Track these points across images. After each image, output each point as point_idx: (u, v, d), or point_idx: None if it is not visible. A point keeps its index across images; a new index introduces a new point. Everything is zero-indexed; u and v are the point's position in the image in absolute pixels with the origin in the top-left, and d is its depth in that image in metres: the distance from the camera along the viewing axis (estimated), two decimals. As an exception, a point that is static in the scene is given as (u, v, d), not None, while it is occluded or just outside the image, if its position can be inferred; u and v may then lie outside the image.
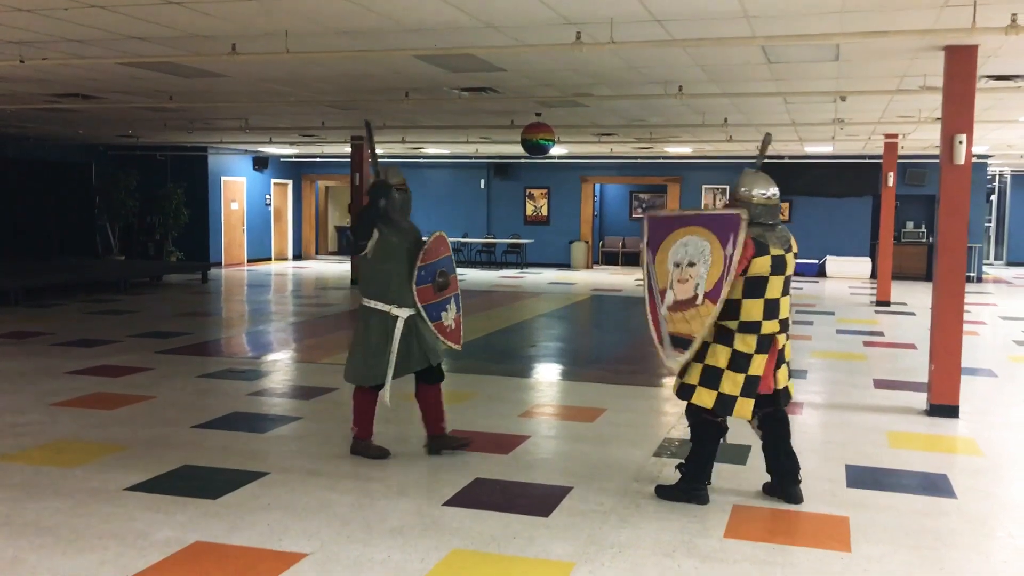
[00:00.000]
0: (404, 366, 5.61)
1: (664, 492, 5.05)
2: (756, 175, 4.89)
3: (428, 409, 5.86)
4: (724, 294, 4.59)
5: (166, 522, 4.55)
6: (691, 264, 4.70)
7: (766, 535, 4.53)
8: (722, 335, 4.74)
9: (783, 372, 4.90)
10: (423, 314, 5.63)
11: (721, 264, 4.60)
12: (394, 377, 5.60)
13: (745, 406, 4.74)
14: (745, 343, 4.71)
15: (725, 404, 4.74)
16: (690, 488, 4.97)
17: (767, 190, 4.83)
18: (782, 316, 4.80)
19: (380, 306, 5.57)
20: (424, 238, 5.81)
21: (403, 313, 5.57)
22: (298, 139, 18.65)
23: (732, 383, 4.71)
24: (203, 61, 8.82)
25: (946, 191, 7.21)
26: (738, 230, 4.58)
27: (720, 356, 4.73)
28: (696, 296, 4.65)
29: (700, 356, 4.78)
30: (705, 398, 4.76)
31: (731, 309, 4.70)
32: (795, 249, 4.91)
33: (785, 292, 4.81)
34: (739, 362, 4.70)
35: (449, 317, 5.83)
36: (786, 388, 4.95)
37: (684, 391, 4.85)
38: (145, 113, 14.04)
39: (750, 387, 4.72)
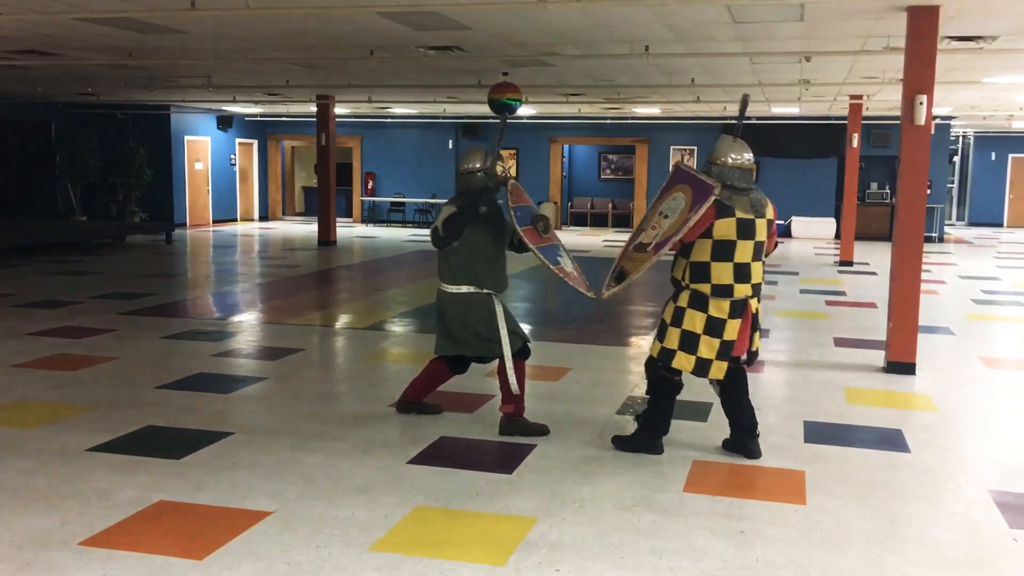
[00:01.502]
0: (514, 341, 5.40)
1: (620, 442, 5.19)
2: (732, 140, 4.95)
3: (436, 384, 5.81)
4: (666, 248, 4.71)
5: (129, 482, 4.55)
6: (665, 217, 4.83)
7: (724, 489, 4.62)
8: (697, 300, 4.83)
9: (756, 335, 5.03)
10: (539, 256, 5.30)
11: (679, 224, 4.70)
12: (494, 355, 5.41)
13: (719, 368, 4.87)
14: (719, 308, 4.80)
15: (702, 367, 4.86)
16: (646, 439, 5.12)
17: (741, 155, 4.89)
18: (754, 281, 4.87)
19: (474, 289, 5.37)
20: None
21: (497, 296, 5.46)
22: (263, 98, 18.39)
23: (708, 347, 4.82)
24: (162, 17, 8.66)
25: (906, 151, 7.29)
26: (706, 199, 4.65)
27: (696, 321, 4.82)
28: (649, 244, 4.81)
29: (677, 321, 4.87)
30: (684, 362, 4.87)
31: (702, 272, 4.79)
32: (770, 216, 4.93)
33: (756, 257, 4.86)
34: (714, 327, 4.81)
35: (568, 263, 5.53)
36: (756, 348, 5.07)
37: (665, 355, 4.92)
38: (104, 70, 13.76)
39: (725, 351, 4.84)
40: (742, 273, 4.80)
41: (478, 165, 5.47)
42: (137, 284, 11.96)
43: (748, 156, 4.92)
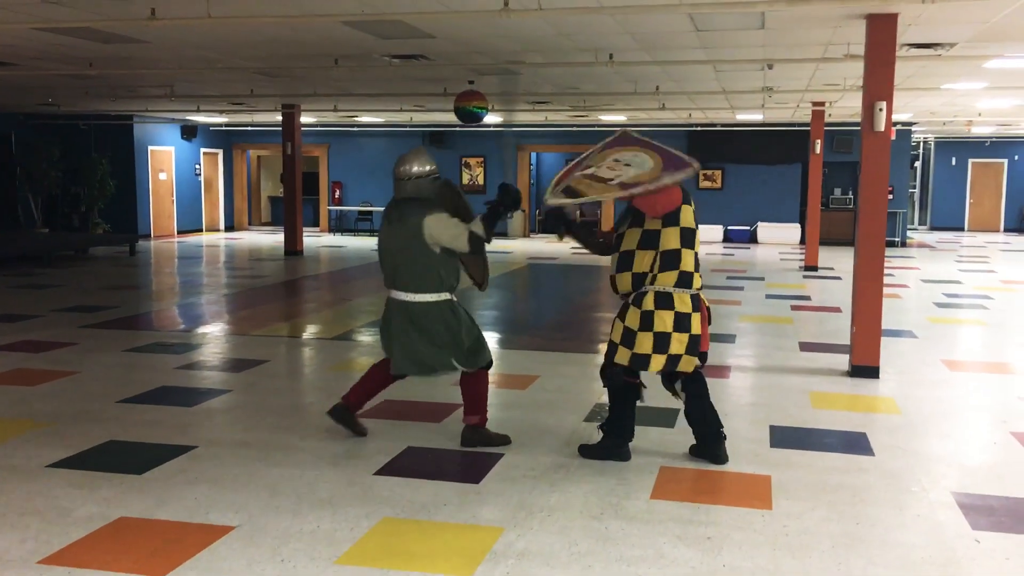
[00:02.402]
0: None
1: (587, 451, 5.21)
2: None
3: (377, 388, 5.59)
4: (635, 192, 4.66)
5: (89, 498, 4.47)
6: (627, 165, 4.87)
7: (691, 495, 4.63)
8: (661, 300, 4.89)
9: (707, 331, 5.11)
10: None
11: (651, 176, 4.70)
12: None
13: (688, 363, 4.95)
14: (683, 303, 4.90)
15: (673, 362, 4.94)
16: (612, 446, 5.14)
17: None
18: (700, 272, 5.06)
19: (450, 296, 5.26)
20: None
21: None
22: (227, 107, 18.24)
23: (679, 343, 4.90)
24: (122, 26, 8.56)
25: (867, 157, 7.37)
26: (683, 169, 4.74)
27: (667, 320, 4.89)
28: (612, 179, 4.77)
29: (647, 325, 4.90)
30: (656, 363, 4.93)
31: (671, 259, 4.89)
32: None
33: None
34: (682, 322, 4.89)
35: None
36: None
37: (637, 360, 4.94)
38: (65, 80, 13.59)
39: (694, 345, 4.93)
40: (698, 262, 5.00)
41: (428, 168, 5.27)
42: (100, 297, 11.80)
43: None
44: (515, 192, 5.27)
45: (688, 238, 4.92)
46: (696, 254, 4.99)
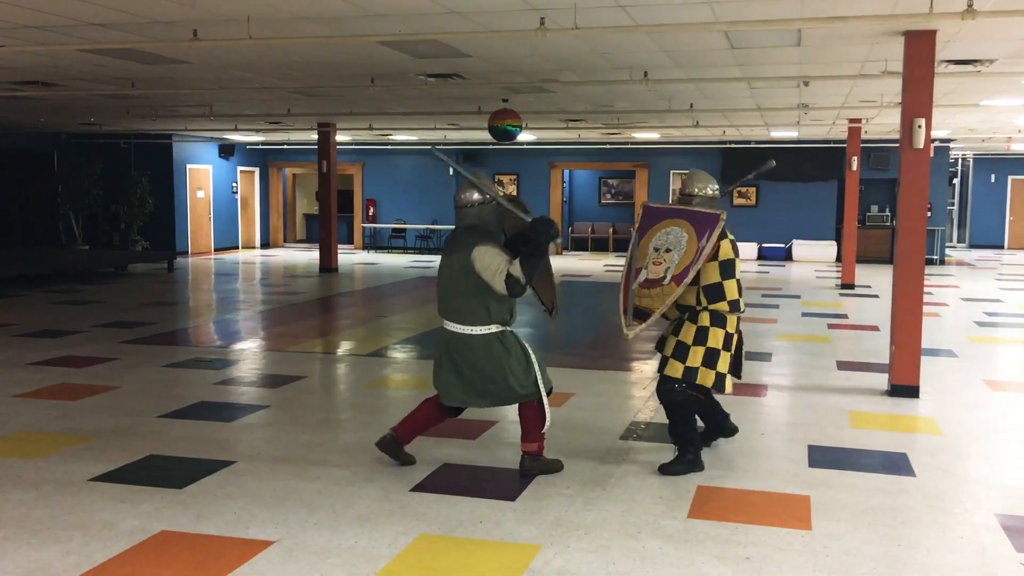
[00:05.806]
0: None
1: (668, 468, 5.26)
2: (700, 173, 5.51)
3: (427, 425, 5.38)
4: (689, 278, 5.00)
5: (131, 512, 4.53)
6: (667, 251, 5.16)
7: (729, 514, 4.60)
8: (716, 319, 5.17)
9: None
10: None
11: (693, 254, 5.04)
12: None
13: (729, 383, 5.27)
14: (731, 324, 5.20)
15: (720, 382, 5.20)
16: (694, 456, 5.25)
17: (707, 186, 5.44)
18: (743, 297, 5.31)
19: (502, 328, 5.06)
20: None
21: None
22: (264, 126, 18.49)
23: (723, 362, 5.17)
24: (165, 48, 8.72)
25: (906, 174, 7.31)
26: (715, 227, 5.07)
27: (719, 338, 5.15)
28: (664, 277, 5.09)
29: (701, 340, 5.14)
30: (705, 378, 5.16)
31: (715, 293, 5.16)
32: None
33: None
34: (727, 342, 5.18)
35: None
36: None
37: (689, 373, 5.14)
38: (107, 100, 13.85)
39: (735, 365, 5.27)
40: (741, 288, 5.25)
41: (475, 197, 5.09)
42: (139, 313, 11.96)
43: (715, 186, 5.48)
44: (545, 223, 4.89)
45: (728, 269, 5.15)
46: (738, 280, 5.21)
